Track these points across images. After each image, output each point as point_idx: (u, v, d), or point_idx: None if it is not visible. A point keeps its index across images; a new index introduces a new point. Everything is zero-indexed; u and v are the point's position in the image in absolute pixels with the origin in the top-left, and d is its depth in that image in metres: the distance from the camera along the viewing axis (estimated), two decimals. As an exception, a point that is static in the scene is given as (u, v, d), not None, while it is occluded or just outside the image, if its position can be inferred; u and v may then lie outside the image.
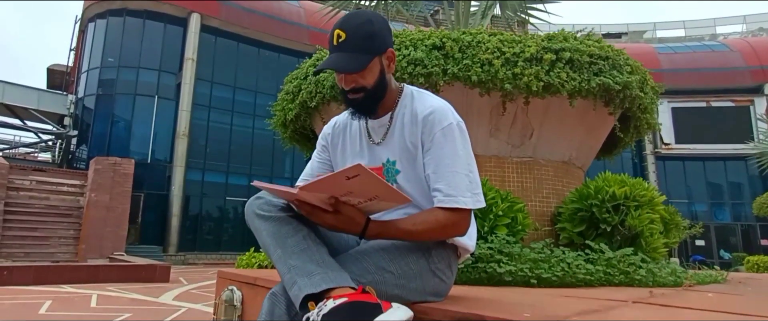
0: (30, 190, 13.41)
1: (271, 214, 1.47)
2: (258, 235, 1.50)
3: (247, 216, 1.52)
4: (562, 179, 4.71)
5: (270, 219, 1.46)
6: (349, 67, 1.56)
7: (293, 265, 1.37)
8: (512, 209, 3.52)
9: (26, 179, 13.54)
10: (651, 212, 3.73)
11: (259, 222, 1.48)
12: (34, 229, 13.02)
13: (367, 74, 1.60)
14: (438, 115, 1.62)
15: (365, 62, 1.57)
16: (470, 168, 1.60)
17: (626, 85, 4.38)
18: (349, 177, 1.30)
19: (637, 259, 3.29)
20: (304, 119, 4.96)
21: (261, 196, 1.52)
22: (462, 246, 1.75)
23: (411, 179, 1.69)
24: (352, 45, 1.56)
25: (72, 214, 13.81)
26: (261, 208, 1.49)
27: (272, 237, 1.44)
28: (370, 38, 1.58)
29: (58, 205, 13.75)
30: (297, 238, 1.43)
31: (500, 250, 3.10)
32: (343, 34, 1.56)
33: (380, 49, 1.62)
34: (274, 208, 1.48)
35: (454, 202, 1.51)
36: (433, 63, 4.07)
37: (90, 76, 21.39)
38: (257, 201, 1.52)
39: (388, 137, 1.73)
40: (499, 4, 7.82)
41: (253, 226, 1.52)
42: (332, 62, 1.58)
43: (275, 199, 1.50)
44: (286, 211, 1.48)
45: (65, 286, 9.16)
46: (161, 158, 20.62)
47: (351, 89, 1.62)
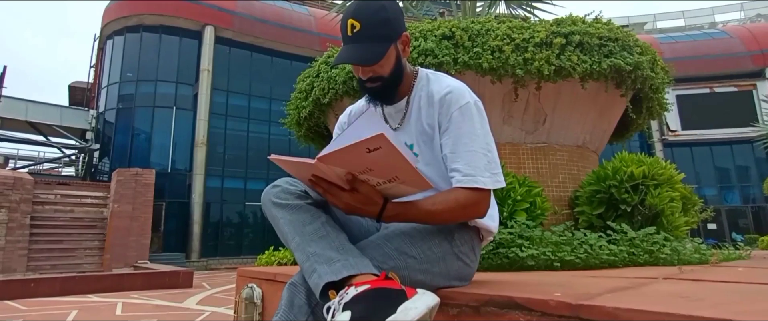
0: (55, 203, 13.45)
1: (288, 201, 1.37)
2: (275, 223, 1.40)
3: (264, 205, 1.43)
4: (577, 163, 4.57)
5: (287, 207, 1.37)
6: (368, 59, 1.47)
7: (312, 253, 1.27)
8: (530, 193, 3.39)
9: (51, 193, 13.60)
10: (670, 190, 3.58)
11: (276, 210, 1.38)
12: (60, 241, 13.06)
13: (384, 63, 1.50)
14: (455, 95, 1.53)
15: (383, 51, 1.48)
16: (489, 147, 1.50)
17: (637, 66, 4.24)
18: (370, 149, 1.17)
19: (660, 238, 3.15)
20: (318, 117, 4.87)
21: (278, 184, 1.43)
22: (484, 228, 1.64)
23: (430, 162, 1.60)
24: (367, 35, 1.47)
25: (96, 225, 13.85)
26: (278, 196, 1.39)
27: (290, 225, 1.35)
28: (386, 25, 1.49)
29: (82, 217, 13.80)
30: (316, 225, 1.33)
31: (521, 235, 2.98)
32: (358, 24, 1.46)
33: (395, 35, 1.53)
34: (291, 195, 1.38)
35: (473, 182, 1.42)
36: (444, 52, 3.96)
37: (110, 91, 21.54)
38: (274, 189, 1.42)
39: (405, 122, 1.64)
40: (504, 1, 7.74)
41: (269, 214, 1.42)
42: (350, 55, 1.47)
43: (292, 187, 1.40)
44: (304, 198, 1.38)
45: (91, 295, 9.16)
46: (181, 167, 20.69)
47: (368, 79, 1.53)
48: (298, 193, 1.40)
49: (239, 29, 22.43)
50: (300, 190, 1.40)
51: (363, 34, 1.46)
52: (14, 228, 12.13)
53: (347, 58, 1.47)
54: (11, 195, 12.34)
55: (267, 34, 23.03)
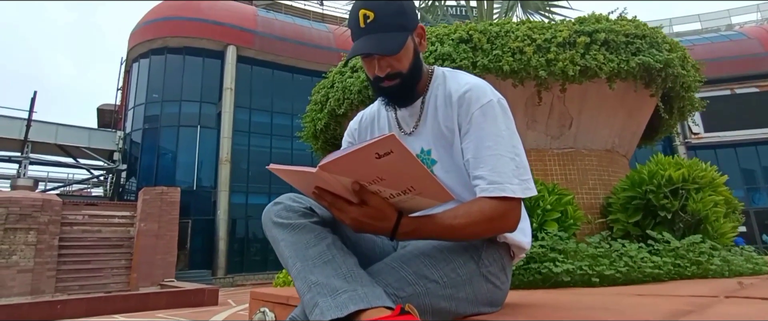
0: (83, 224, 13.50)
1: (290, 221, 1.17)
2: (276, 246, 1.20)
3: (264, 224, 1.24)
4: (607, 169, 4.25)
5: (289, 227, 1.17)
6: (387, 49, 1.26)
7: (315, 282, 1.06)
8: (561, 202, 3.10)
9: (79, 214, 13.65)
10: (714, 194, 3.24)
11: (276, 231, 1.19)
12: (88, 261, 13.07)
13: (402, 56, 1.31)
14: (475, 93, 1.31)
15: (402, 41, 1.28)
16: (516, 150, 1.27)
17: (667, 63, 3.93)
18: (379, 154, 0.96)
19: (707, 247, 2.83)
20: (334, 128, 4.66)
21: (280, 200, 1.24)
22: (516, 244, 1.38)
23: (449, 169, 1.37)
24: (383, 24, 1.27)
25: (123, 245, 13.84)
26: (279, 214, 1.20)
27: (291, 247, 1.14)
28: (401, 14, 1.30)
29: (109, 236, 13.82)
30: (320, 248, 1.12)
31: (553, 248, 2.69)
32: (371, 14, 1.27)
33: (411, 26, 1.34)
34: (294, 213, 1.18)
35: (500, 190, 1.19)
36: (462, 56, 3.71)
37: (136, 112, 21.81)
38: (275, 207, 1.23)
39: (420, 125, 1.43)
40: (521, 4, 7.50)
41: (270, 236, 1.23)
42: (368, 46, 1.27)
43: (295, 204, 1.21)
44: (309, 216, 1.18)
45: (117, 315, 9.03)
46: (206, 184, 20.74)
47: (387, 75, 1.32)
48: (302, 210, 1.20)
49: (260, 48, 22.57)
50: (304, 207, 1.21)
51: (378, 23, 1.27)
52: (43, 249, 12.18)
53: (364, 48, 1.27)
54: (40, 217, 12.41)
55: (287, 51, 23.15)
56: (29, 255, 12.03)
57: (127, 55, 23.53)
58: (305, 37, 24.09)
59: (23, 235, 12.12)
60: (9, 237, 11.98)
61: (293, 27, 24.32)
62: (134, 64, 22.97)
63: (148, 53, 22.14)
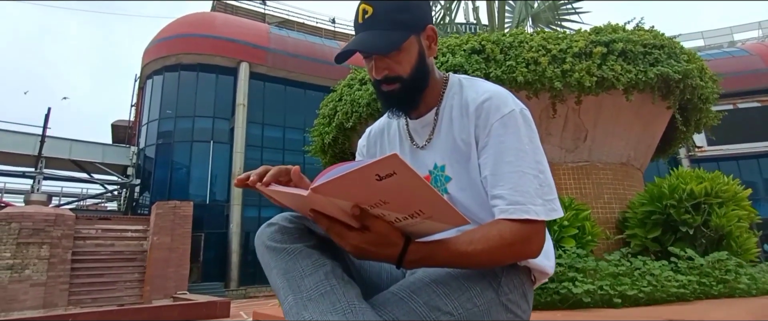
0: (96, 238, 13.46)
1: (284, 245, 1.02)
2: (268, 274, 1.05)
3: (257, 249, 1.09)
4: (622, 182, 4.09)
5: (282, 252, 1.02)
6: (378, 48, 1.11)
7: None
8: (578, 218, 2.95)
9: (92, 228, 13.62)
10: (737, 208, 3.08)
11: (268, 256, 1.04)
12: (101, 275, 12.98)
13: (402, 58, 1.15)
14: (495, 102, 1.14)
15: (399, 40, 1.12)
16: (540, 166, 1.09)
17: (686, 74, 3.79)
18: (381, 176, 0.80)
19: (733, 264, 2.66)
20: (343, 142, 4.55)
21: (274, 222, 1.09)
22: (538, 269, 1.20)
23: (466, 187, 1.20)
24: (381, 20, 1.13)
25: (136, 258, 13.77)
26: (272, 237, 1.05)
27: (284, 276, 1.00)
28: (405, 11, 1.15)
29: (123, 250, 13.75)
30: (317, 278, 0.98)
31: (572, 266, 2.54)
32: (370, 9, 1.13)
33: (418, 26, 1.17)
34: (290, 237, 1.04)
35: (522, 212, 1.02)
36: (474, 67, 3.59)
37: (150, 128, 21.86)
38: (268, 229, 1.08)
39: (434, 138, 1.27)
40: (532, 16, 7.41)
41: (262, 261, 1.07)
42: (358, 42, 1.13)
43: (291, 225, 1.06)
44: (305, 239, 1.04)
45: (130, 327, 8.91)
46: (219, 198, 20.69)
47: (384, 78, 1.16)
48: (298, 232, 1.05)
49: (273, 64, 22.66)
50: (300, 229, 1.06)
51: (376, 19, 1.13)
52: (56, 263, 12.15)
53: (354, 44, 1.13)
54: (53, 231, 12.40)
55: (299, 68, 23.23)
56: (42, 269, 12.00)
57: (142, 72, 23.73)
58: (317, 53, 24.19)
59: (36, 250, 12.11)
60: (22, 251, 11.98)
61: (305, 44, 24.44)
62: (148, 80, 23.14)
63: (161, 70, 22.29)
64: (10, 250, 11.72)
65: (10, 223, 12.00)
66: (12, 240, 11.85)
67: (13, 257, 11.66)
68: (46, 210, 12.73)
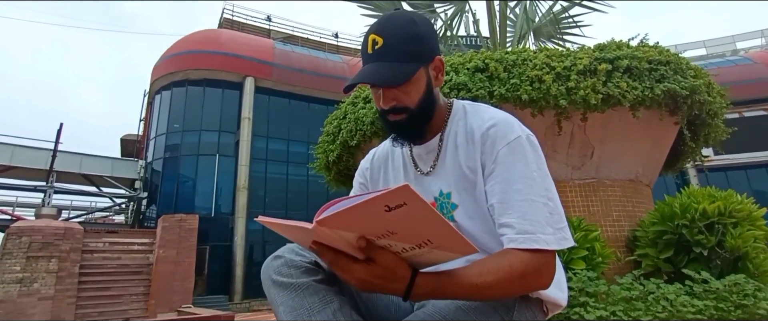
0: (103, 251, 13.36)
1: (291, 280, 0.97)
2: (275, 311, 0.99)
3: (263, 283, 1.03)
4: (631, 199, 3.96)
5: (290, 288, 0.97)
6: (387, 81, 1.07)
7: None
8: (587, 238, 2.82)
9: (99, 241, 13.54)
10: (753, 228, 2.94)
11: (275, 292, 0.98)
12: (108, 288, 12.87)
13: (410, 89, 1.10)
14: (501, 128, 1.10)
15: (408, 73, 1.08)
16: (549, 194, 1.05)
17: (694, 90, 3.67)
18: (390, 207, 0.74)
19: (750, 287, 2.52)
20: (347, 159, 4.44)
21: (280, 254, 1.03)
22: (551, 300, 1.13)
23: (473, 215, 1.14)
24: (391, 52, 1.08)
25: (142, 271, 13.65)
26: (279, 271, 1.00)
27: (291, 313, 0.94)
28: (414, 42, 1.09)
29: (129, 263, 13.64)
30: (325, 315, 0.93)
31: (583, 290, 2.41)
32: (380, 40, 1.08)
33: (426, 58, 1.12)
34: (296, 270, 0.99)
35: (532, 241, 0.96)
36: (478, 86, 3.48)
37: (157, 142, 21.94)
38: (275, 262, 1.02)
39: (439, 165, 1.21)
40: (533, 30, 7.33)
41: (269, 297, 1.01)
42: (367, 75, 1.07)
43: (298, 258, 1.01)
44: (312, 274, 0.98)
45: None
46: (224, 211, 20.65)
47: (391, 109, 1.12)
48: (306, 266, 0.99)
49: (278, 79, 22.76)
50: (308, 262, 1.00)
51: (386, 50, 1.07)
52: (64, 277, 12.05)
53: (363, 77, 1.07)
54: (61, 245, 12.34)
55: (303, 82, 23.34)
56: (50, 283, 11.91)
57: (151, 88, 23.87)
58: (321, 68, 24.32)
59: (45, 263, 12.04)
60: (31, 265, 11.91)
61: (309, 58, 24.57)
62: (157, 95, 23.27)
63: (169, 86, 22.43)
64: (20, 263, 11.62)
65: (21, 237, 11.89)
66: (22, 254, 11.73)
67: (23, 271, 11.57)
68: (56, 224, 12.68)
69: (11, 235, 11.92)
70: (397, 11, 1.18)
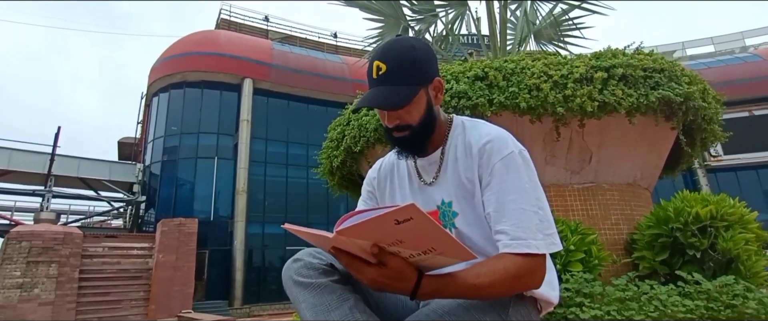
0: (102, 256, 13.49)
1: (311, 280, 1.14)
2: (297, 307, 1.16)
3: (285, 283, 1.20)
4: (629, 203, 4.13)
5: (310, 287, 1.13)
6: (391, 104, 1.24)
7: None
8: (584, 241, 2.99)
9: (99, 246, 13.65)
10: (744, 231, 3.11)
11: (297, 291, 1.15)
12: (108, 293, 12.99)
13: (412, 109, 1.28)
14: (496, 144, 1.27)
15: (409, 96, 1.25)
16: (539, 203, 1.22)
17: (688, 96, 3.84)
18: (399, 221, 0.92)
19: (741, 288, 2.69)
20: (351, 165, 4.61)
21: (300, 257, 1.20)
22: (543, 299, 1.32)
23: (472, 222, 1.32)
24: (393, 77, 1.25)
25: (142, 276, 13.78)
26: (299, 273, 1.16)
27: (312, 310, 1.11)
28: (414, 67, 1.27)
29: (128, 268, 13.76)
30: (343, 311, 1.10)
31: (579, 291, 2.58)
32: (384, 66, 1.25)
33: (426, 79, 1.30)
34: (315, 272, 1.15)
35: (524, 246, 1.14)
36: (478, 94, 3.66)
37: (155, 145, 22.05)
38: (295, 264, 1.19)
39: (440, 175, 1.39)
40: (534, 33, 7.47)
41: (291, 295, 1.19)
42: (372, 98, 1.25)
43: (316, 260, 1.17)
44: (329, 275, 1.15)
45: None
46: (223, 215, 20.71)
47: (395, 127, 1.30)
48: (323, 268, 1.16)
49: (276, 80, 22.83)
50: (325, 265, 1.17)
51: (389, 75, 1.24)
52: (64, 282, 12.18)
53: (369, 100, 1.25)
54: (61, 250, 12.46)
55: (302, 83, 23.39)
56: (50, 288, 12.03)
57: (148, 90, 23.97)
58: (319, 68, 24.36)
59: (45, 268, 12.16)
60: (31, 270, 12.03)
61: (308, 59, 24.64)
62: (154, 98, 23.35)
63: (167, 88, 22.51)
64: (20, 268, 11.79)
65: (21, 241, 12.08)
66: (22, 259, 11.92)
67: (23, 276, 11.74)
68: (56, 228, 12.84)
69: (11, 239, 12.07)
70: (399, 37, 1.36)
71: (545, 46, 7.46)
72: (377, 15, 6.87)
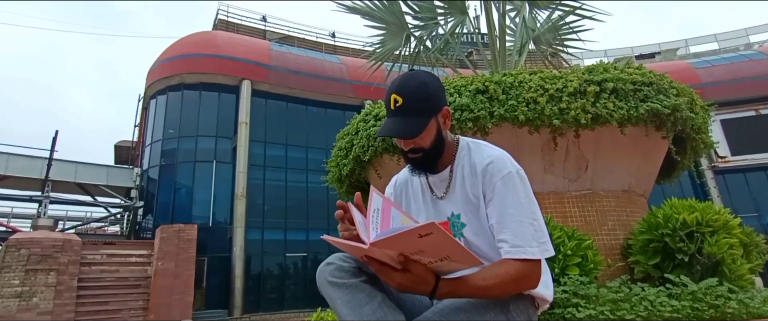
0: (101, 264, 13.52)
1: (344, 281, 1.41)
2: (332, 303, 1.44)
3: (319, 284, 1.47)
4: (625, 209, 4.44)
5: (343, 286, 1.41)
6: (407, 133, 1.54)
7: None
8: (581, 247, 3.30)
9: (97, 254, 13.65)
10: (728, 237, 3.42)
11: (332, 290, 1.43)
12: (106, 302, 12.99)
13: (424, 135, 1.57)
14: (497, 165, 1.56)
15: (423, 126, 1.55)
16: (534, 216, 1.52)
17: (675, 108, 4.16)
18: (421, 235, 1.21)
19: (724, 289, 3.00)
20: (359, 173, 4.93)
21: (331, 261, 1.47)
22: (539, 296, 1.64)
23: (478, 232, 1.61)
24: (409, 109, 1.54)
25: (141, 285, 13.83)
26: (333, 274, 1.43)
27: (347, 306, 1.39)
28: (427, 101, 1.56)
29: (127, 276, 13.78)
30: (373, 306, 1.38)
31: (575, 293, 2.88)
32: (400, 99, 1.54)
33: (436, 110, 1.59)
34: (346, 274, 1.43)
35: (522, 253, 1.43)
36: (479, 107, 3.97)
37: (153, 149, 22.08)
38: (328, 267, 1.46)
39: (450, 191, 1.68)
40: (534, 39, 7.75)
41: (326, 294, 1.46)
42: (392, 129, 1.55)
43: (346, 264, 1.44)
44: (359, 276, 1.42)
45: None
46: (222, 220, 20.69)
47: (410, 150, 1.60)
48: (353, 270, 1.43)
49: (275, 81, 22.87)
50: (354, 267, 1.44)
51: (405, 108, 1.54)
52: (62, 291, 12.23)
53: (389, 131, 1.55)
54: (60, 257, 12.49)
55: (301, 84, 23.44)
56: (49, 296, 12.08)
57: (145, 93, 24.05)
58: (318, 69, 24.39)
59: (43, 277, 12.21)
60: (30, 278, 12.08)
61: (306, 60, 24.70)
62: (152, 100, 23.40)
63: (165, 90, 22.54)
64: (19, 277, 11.95)
65: (19, 249, 12.22)
66: (21, 267, 12.08)
67: (21, 284, 11.82)
68: (54, 235, 12.96)
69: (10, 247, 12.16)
70: (413, 72, 1.67)
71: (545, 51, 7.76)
72: (380, 22, 7.15)
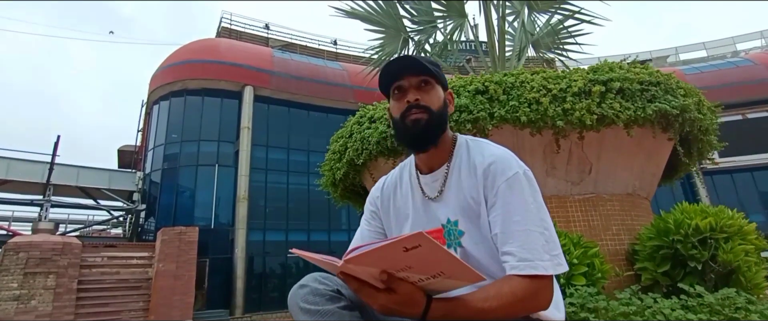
0: (102, 266, 13.32)
1: (318, 307, 1.13)
2: None
3: (291, 309, 1.19)
4: (630, 213, 4.15)
5: (316, 314, 1.12)
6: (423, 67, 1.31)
7: None
8: (587, 255, 3.01)
9: (98, 256, 13.47)
10: (744, 243, 3.13)
11: (304, 317, 1.14)
12: (106, 304, 12.81)
13: (433, 94, 1.33)
14: (500, 165, 1.27)
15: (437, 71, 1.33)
16: (544, 224, 1.21)
17: (684, 109, 3.88)
18: (407, 248, 0.92)
19: (742, 300, 2.71)
20: (353, 176, 4.64)
21: (305, 283, 1.18)
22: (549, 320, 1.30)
23: (478, 241, 1.31)
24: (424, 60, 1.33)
25: (141, 286, 13.64)
26: (306, 299, 1.15)
27: None
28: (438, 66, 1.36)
29: (128, 278, 13.59)
30: None
31: (583, 306, 2.59)
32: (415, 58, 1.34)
33: (443, 83, 1.38)
34: (321, 298, 1.14)
35: (531, 268, 1.13)
36: (479, 108, 3.69)
37: (156, 153, 21.96)
38: (301, 291, 1.17)
39: (445, 192, 1.38)
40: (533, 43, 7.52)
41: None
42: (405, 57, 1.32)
43: (322, 286, 1.16)
44: (336, 301, 1.14)
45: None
46: (224, 222, 20.58)
47: (415, 104, 1.31)
48: (330, 294, 1.15)
49: (276, 87, 22.84)
50: (332, 290, 1.16)
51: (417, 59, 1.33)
52: (62, 293, 12.03)
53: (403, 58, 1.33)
54: (60, 260, 12.32)
55: (303, 89, 23.41)
56: (48, 299, 11.87)
57: (148, 98, 23.98)
58: (320, 75, 24.40)
59: (42, 280, 12.02)
60: (28, 281, 11.89)
61: (308, 66, 24.68)
62: (154, 106, 23.35)
63: (168, 95, 22.50)
64: (17, 280, 11.67)
65: (18, 252, 11.95)
66: (19, 270, 11.80)
67: (20, 287, 11.58)
68: (54, 239, 12.71)
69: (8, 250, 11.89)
70: None
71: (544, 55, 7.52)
72: (378, 27, 6.93)
